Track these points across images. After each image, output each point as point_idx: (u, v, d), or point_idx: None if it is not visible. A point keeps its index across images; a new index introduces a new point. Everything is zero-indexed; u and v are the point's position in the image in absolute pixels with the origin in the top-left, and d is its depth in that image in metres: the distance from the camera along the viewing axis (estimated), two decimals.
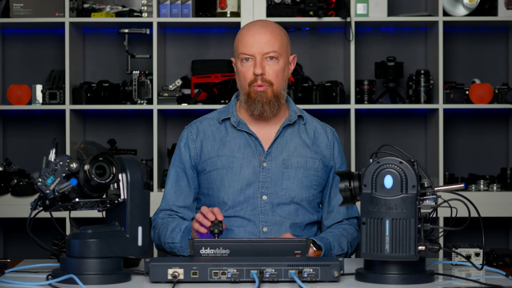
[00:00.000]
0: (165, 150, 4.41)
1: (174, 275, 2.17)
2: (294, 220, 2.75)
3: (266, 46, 2.70)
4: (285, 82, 2.77)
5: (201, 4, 4.35)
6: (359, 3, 4.18)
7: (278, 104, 2.75)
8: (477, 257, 2.44)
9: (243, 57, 2.72)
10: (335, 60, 4.51)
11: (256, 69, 2.70)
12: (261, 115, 2.74)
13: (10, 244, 4.52)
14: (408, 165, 2.19)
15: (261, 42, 2.70)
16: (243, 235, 2.72)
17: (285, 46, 2.75)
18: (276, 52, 2.71)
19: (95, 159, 2.23)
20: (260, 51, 2.70)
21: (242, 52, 2.72)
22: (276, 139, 2.77)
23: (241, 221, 2.73)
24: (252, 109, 2.74)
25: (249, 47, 2.71)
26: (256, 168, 2.75)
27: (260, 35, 2.71)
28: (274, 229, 2.73)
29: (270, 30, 2.73)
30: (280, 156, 2.76)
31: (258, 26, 2.75)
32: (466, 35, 4.54)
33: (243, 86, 2.75)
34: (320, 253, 2.62)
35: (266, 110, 2.73)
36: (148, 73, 4.25)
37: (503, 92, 4.21)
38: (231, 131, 2.80)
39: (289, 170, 2.76)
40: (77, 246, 2.22)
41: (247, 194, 2.73)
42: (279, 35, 2.74)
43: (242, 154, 2.76)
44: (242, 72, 2.74)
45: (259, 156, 2.76)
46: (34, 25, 4.37)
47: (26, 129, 4.52)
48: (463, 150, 4.54)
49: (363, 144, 4.46)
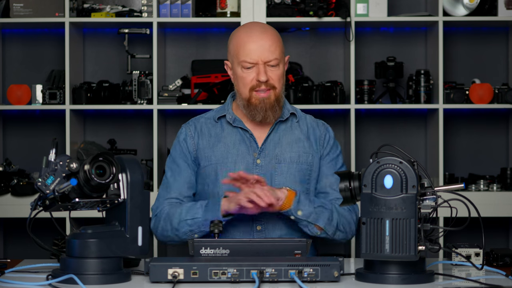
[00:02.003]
0: (165, 150, 4.41)
1: (174, 275, 2.18)
2: None
3: (269, 53, 2.72)
4: (284, 85, 2.81)
5: (201, 4, 4.35)
6: (359, 3, 4.18)
7: (279, 107, 2.77)
8: (477, 257, 2.44)
9: (245, 64, 2.73)
10: (335, 60, 4.51)
11: (261, 76, 2.71)
12: (264, 120, 2.76)
13: (10, 244, 4.52)
14: (408, 165, 2.19)
15: (264, 50, 2.72)
16: (236, 235, 2.72)
17: (282, 50, 2.78)
18: (277, 59, 2.73)
19: (95, 159, 2.23)
20: (263, 59, 2.72)
21: (244, 60, 2.72)
22: (269, 136, 2.79)
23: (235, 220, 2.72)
24: (253, 115, 2.75)
25: (252, 55, 2.71)
26: (249, 164, 2.75)
27: (262, 41, 2.72)
28: (268, 227, 2.73)
29: (270, 37, 2.74)
30: (273, 152, 2.77)
31: (258, 32, 2.75)
32: (466, 35, 4.54)
33: (242, 91, 2.75)
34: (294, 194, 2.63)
35: (269, 116, 2.75)
36: (148, 73, 4.25)
37: (503, 92, 4.21)
38: (226, 127, 2.81)
39: (282, 165, 2.76)
40: (77, 246, 2.22)
41: None
42: (278, 41, 2.76)
43: (237, 150, 2.77)
44: (243, 78, 2.74)
45: (253, 152, 2.77)
46: (34, 25, 4.37)
47: (26, 129, 4.52)
48: (463, 150, 4.54)
49: (363, 144, 4.46)
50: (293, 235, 2.72)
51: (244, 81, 2.73)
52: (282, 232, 2.73)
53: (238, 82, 2.76)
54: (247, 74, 2.73)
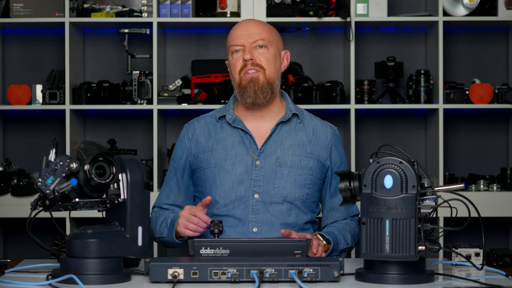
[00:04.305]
0: (165, 150, 4.41)
1: (174, 275, 2.18)
2: (286, 221, 2.74)
3: (254, 35, 2.74)
4: (279, 72, 2.78)
5: (201, 4, 4.35)
6: (359, 3, 4.18)
7: (272, 91, 2.74)
8: (477, 257, 2.44)
9: (234, 49, 2.75)
10: (335, 60, 4.51)
11: (245, 55, 2.72)
12: (254, 103, 2.73)
13: (10, 244, 4.52)
14: (408, 165, 2.19)
15: (249, 32, 2.75)
16: (233, 236, 2.72)
17: (274, 37, 2.78)
18: (264, 40, 2.74)
19: (95, 159, 2.23)
20: (249, 40, 2.73)
21: (231, 44, 2.76)
22: (270, 137, 2.77)
23: (232, 221, 2.73)
24: (245, 97, 2.74)
25: (238, 38, 2.74)
26: (248, 166, 2.74)
27: (248, 26, 2.77)
28: (264, 229, 2.72)
29: (258, 22, 2.79)
30: (274, 154, 2.75)
31: (247, 21, 2.82)
32: (466, 35, 4.54)
33: (234, 77, 2.76)
34: (330, 247, 2.62)
35: (259, 97, 2.72)
36: (148, 73, 4.25)
37: (503, 92, 4.21)
38: (226, 128, 2.80)
39: (283, 169, 2.75)
40: (77, 246, 2.22)
41: (239, 193, 2.72)
42: (267, 27, 2.79)
43: (235, 152, 2.76)
44: (232, 64, 2.76)
45: (252, 153, 2.75)
46: (34, 25, 4.37)
47: (26, 129, 4.52)
48: (463, 150, 4.55)
49: (363, 144, 4.46)
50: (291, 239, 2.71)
51: (234, 66, 2.75)
52: (279, 235, 2.71)
53: (231, 71, 2.78)
54: (236, 59, 2.75)
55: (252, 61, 2.72)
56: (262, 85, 2.72)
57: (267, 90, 2.73)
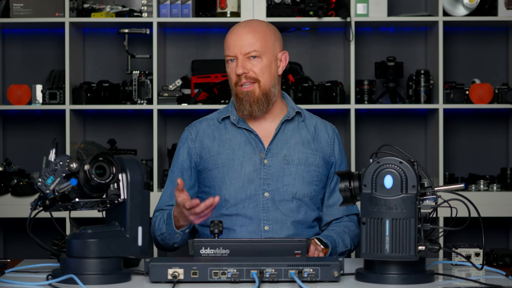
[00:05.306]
0: (165, 150, 4.41)
1: (174, 275, 2.18)
2: (296, 218, 2.75)
3: (247, 46, 2.71)
4: (275, 79, 2.76)
5: (201, 4, 4.35)
6: (359, 3, 4.18)
7: (268, 102, 2.75)
8: (477, 257, 2.44)
9: (228, 58, 2.75)
10: (335, 60, 4.51)
11: (237, 69, 2.71)
12: (251, 114, 2.75)
13: (10, 244, 4.52)
14: (408, 165, 2.19)
15: (242, 43, 2.71)
16: (244, 235, 2.72)
17: (269, 43, 2.74)
18: (258, 51, 2.72)
19: (95, 159, 2.23)
20: (241, 51, 2.72)
21: (226, 54, 2.75)
22: (276, 135, 2.78)
23: (243, 220, 2.73)
24: (241, 109, 2.75)
25: (231, 48, 2.73)
26: (257, 165, 2.75)
27: (241, 35, 2.73)
28: (275, 227, 2.73)
29: (252, 29, 2.74)
30: (281, 153, 2.76)
31: (240, 27, 2.76)
32: (466, 35, 4.54)
33: (231, 87, 2.77)
34: (328, 250, 2.62)
35: (255, 110, 2.74)
36: (148, 73, 4.25)
37: (503, 92, 4.21)
38: (231, 129, 2.80)
39: (290, 166, 2.76)
40: (77, 246, 2.22)
41: (249, 192, 2.73)
42: (262, 33, 2.73)
43: (243, 152, 2.76)
44: (229, 73, 2.76)
45: (260, 153, 2.76)
46: (34, 25, 4.37)
47: (26, 129, 4.52)
48: (463, 150, 4.54)
49: (363, 144, 4.46)
50: (301, 236, 2.72)
51: (230, 76, 2.76)
52: (289, 233, 2.73)
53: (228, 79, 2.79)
54: (231, 69, 2.75)
55: (245, 74, 2.72)
56: (257, 98, 2.73)
57: (262, 102, 2.74)
